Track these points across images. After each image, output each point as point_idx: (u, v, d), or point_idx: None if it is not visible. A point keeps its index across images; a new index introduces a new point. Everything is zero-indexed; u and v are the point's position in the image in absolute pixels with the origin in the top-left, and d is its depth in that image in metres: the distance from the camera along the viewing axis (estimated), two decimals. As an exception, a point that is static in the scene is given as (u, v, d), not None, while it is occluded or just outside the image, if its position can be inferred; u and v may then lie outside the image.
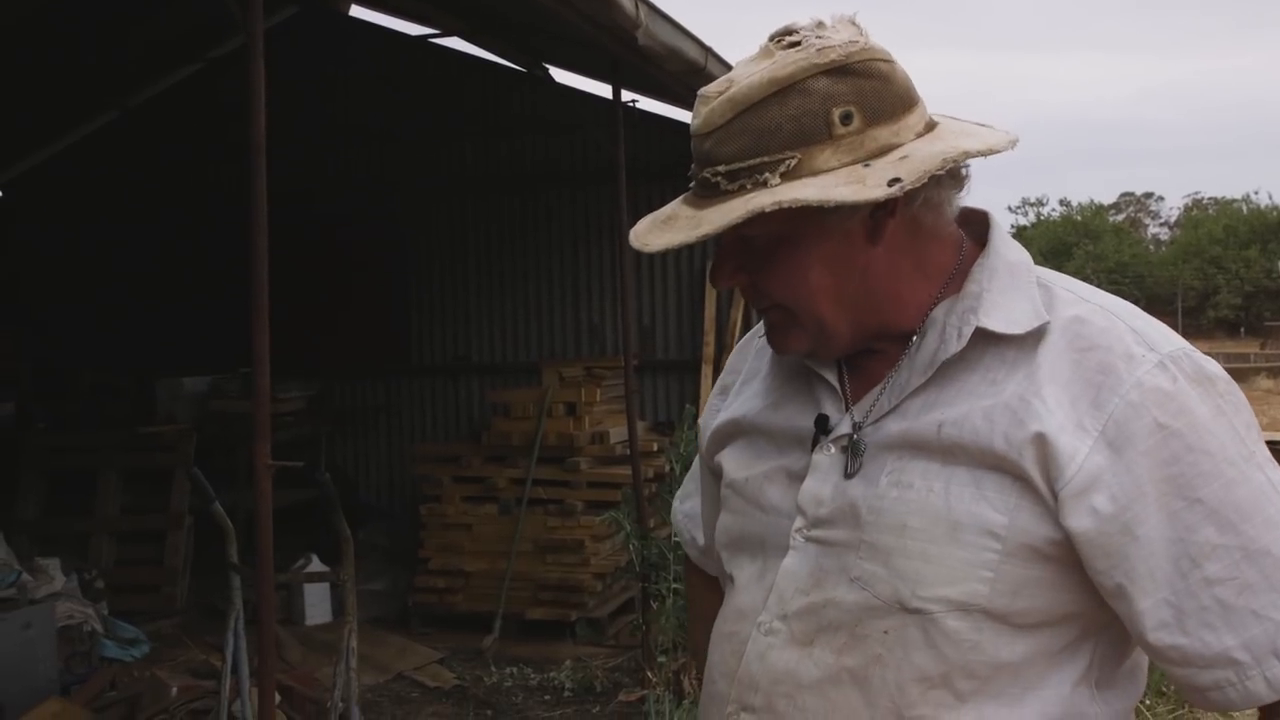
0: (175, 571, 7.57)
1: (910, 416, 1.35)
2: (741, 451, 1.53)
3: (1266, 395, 23.76)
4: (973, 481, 1.29)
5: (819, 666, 1.35)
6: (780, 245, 1.31)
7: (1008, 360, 1.32)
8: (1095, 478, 1.24)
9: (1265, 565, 1.22)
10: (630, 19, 5.06)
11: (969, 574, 1.28)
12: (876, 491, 1.34)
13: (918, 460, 1.33)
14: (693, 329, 8.81)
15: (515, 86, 9.14)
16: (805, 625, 1.37)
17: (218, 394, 8.53)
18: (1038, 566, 1.28)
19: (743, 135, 1.26)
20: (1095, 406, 1.26)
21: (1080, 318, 1.32)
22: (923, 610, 1.30)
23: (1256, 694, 1.23)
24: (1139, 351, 1.28)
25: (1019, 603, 1.28)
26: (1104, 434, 1.24)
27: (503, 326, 9.34)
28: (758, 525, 1.46)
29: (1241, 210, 53.73)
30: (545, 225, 9.18)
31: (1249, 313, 45.87)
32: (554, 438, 7.52)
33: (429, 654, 6.89)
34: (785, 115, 1.26)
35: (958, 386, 1.34)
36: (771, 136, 1.26)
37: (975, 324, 1.33)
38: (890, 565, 1.31)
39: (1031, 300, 1.34)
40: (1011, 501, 1.27)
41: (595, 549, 7.28)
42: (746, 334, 1.66)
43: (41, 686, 5.50)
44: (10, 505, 7.73)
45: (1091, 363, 1.28)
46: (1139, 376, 1.26)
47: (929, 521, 1.30)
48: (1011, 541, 1.27)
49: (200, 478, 4.56)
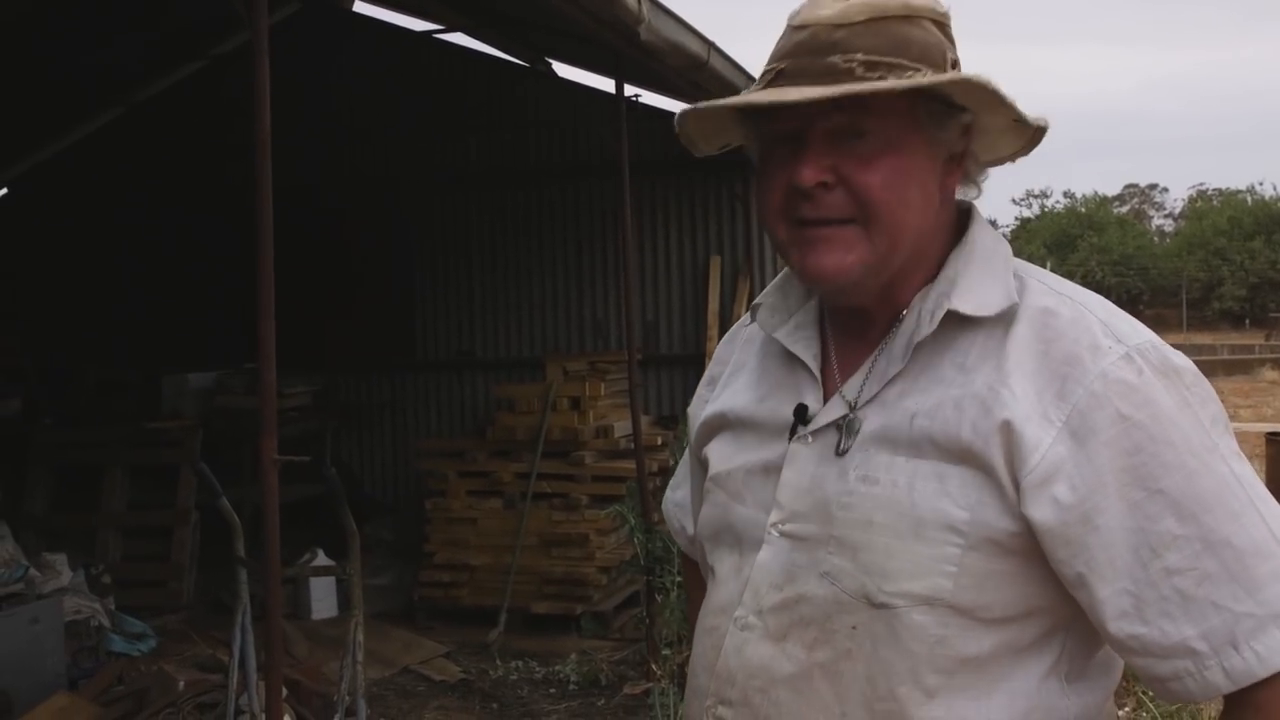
0: (182, 566, 7.60)
1: (888, 406, 1.37)
2: (727, 444, 1.54)
3: (1271, 386, 23.74)
4: (936, 476, 1.31)
5: (792, 661, 1.37)
6: (887, 152, 1.33)
7: (977, 345, 1.35)
8: (1057, 467, 1.25)
9: (1225, 556, 1.23)
10: (633, 14, 5.07)
11: (933, 568, 1.29)
12: (846, 487, 1.36)
13: (884, 454, 1.35)
14: (696, 323, 8.83)
15: (519, 82, 9.15)
16: (779, 620, 1.38)
17: (223, 389, 8.54)
18: (1001, 560, 1.29)
19: (880, 36, 1.31)
20: (1060, 397, 1.27)
21: (1049, 309, 1.34)
22: (888, 605, 1.31)
23: (1214, 684, 1.24)
24: (1106, 343, 1.29)
25: (984, 596, 1.30)
26: (1068, 424, 1.26)
27: (507, 321, 9.36)
28: (736, 518, 1.48)
29: (1246, 201, 53.59)
30: (549, 220, 9.19)
31: (1254, 304, 45.78)
32: (558, 432, 7.54)
33: (434, 648, 6.92)
34: (916, 36, 1.33)
35: (931, 373, 1.36)
36: (908, 47, 1.31)
37: (947, 306, 1.35)
38: (857, 560, 1.33)
39: (1005, 286, 1.36)
40: (974, 496, 1.29)
41: (600, 543, 7.30)
42: (734, 325, 1.68)
43: (49, 681, 5.52)
44: (17, 501, 7.77)
45: (1058, 353, 1.30)
46: (1104, 367, 1.27)
47: (893, 517, 1.32)
48: (974, 536, 1.28)
49: (206, 473, 4.58)
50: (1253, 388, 23.68)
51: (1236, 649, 1.22)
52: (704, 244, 8.88)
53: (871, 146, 1.32)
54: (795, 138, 1.35)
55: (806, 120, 1.32)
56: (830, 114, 1.31)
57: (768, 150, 1.40)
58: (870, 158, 1.32)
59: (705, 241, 8.88)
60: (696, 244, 8.90)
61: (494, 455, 7.69)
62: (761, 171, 1.41)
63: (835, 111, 1.31)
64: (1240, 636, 1.22)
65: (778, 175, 1.37)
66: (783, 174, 1.36)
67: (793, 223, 1.37)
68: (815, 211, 1.34)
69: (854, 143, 1.33)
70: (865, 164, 1.32)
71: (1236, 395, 22.03)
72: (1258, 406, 20.01)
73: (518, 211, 9.26)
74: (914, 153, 1.34)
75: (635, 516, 6.07)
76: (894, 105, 1.31)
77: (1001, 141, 1.41)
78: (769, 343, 1.53)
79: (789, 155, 1.36)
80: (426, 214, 9.44)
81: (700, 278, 8.86)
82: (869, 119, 1.31)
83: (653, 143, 8.05)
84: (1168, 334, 39.55)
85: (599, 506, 7.15)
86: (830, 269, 1.35)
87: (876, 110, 1.31)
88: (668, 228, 8.92)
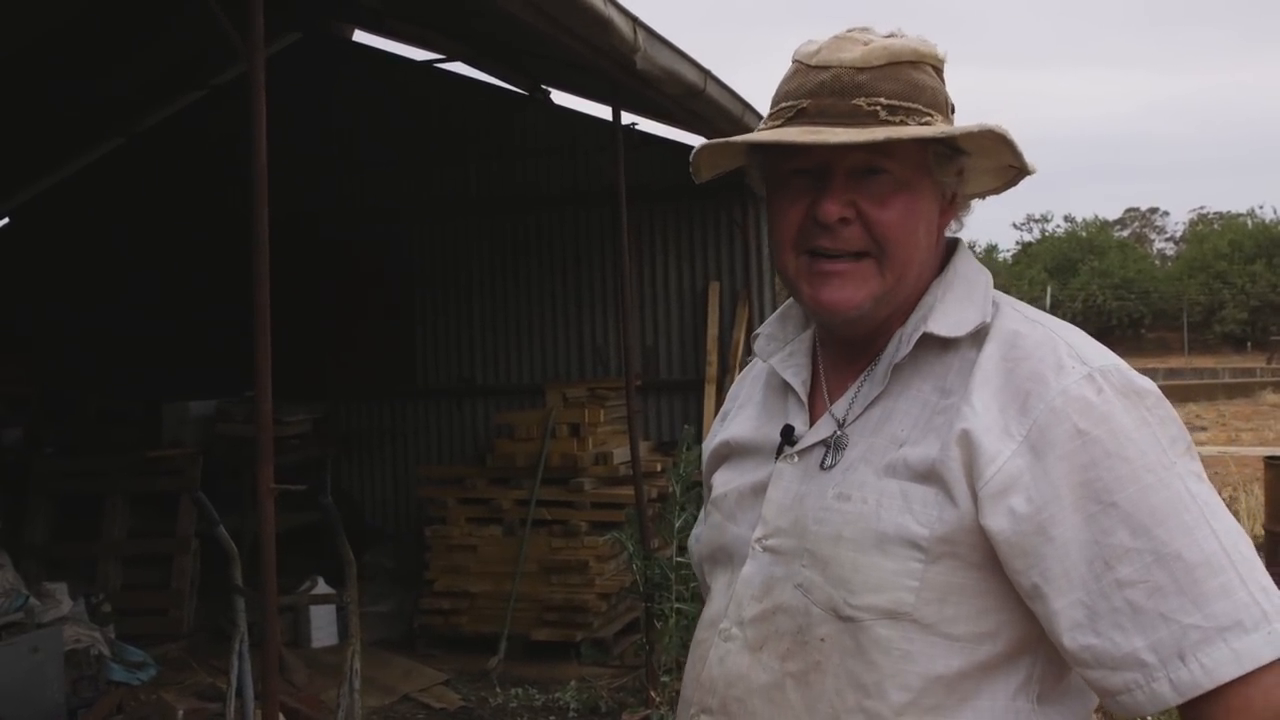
0: (181, 595, 7.60)
1: (871, 428, 1.43)
2: (727, 470, 1.61)
3: (1272, 409, 23.71)
4: (901, 494, 1.35)
5: (767, 671, 1.41)
6: (902, 191, 1.40)
7: (953, 368, 1.40)
8: (1014, 479, 1.29)
9: (1176, 570, 1.25)
10: (628, 43, 5.11)
11: (895, 583, 1.34)
12: (823, 503, 1.41)
13: (861, 474, 1.40)
14: (695, 349, 8.85)
15: (517, 110, 9.20)
16: (757, 631, 1.43)
17: (224, 418, 8.56)
18: (963, 574, 1.33)
19: (898, 81, 1.39)
20: (1022, 412, 1.32)
21: (1018, 331, 1.40)
22: (854, 618, 1.35)
23: (1162, 696, 1.25)
24: (1070, 363, 1.34)
25: (946, 610, 1.33)
26: (1027, 438, 1.30)
27: (507, 348, 9.38)
28: (729, 538, 1.54)
29: (1247, 225, 53.61)
30: (548, 247, 9.23)
31: (1255, 327, 45.73)
32: (558, 459, 7.55)
33: (434, 675, 6.91)
34: (925, 82, 1.41)
35: (910, 395, 1.42)
36: (921, 92, 1.40)
37: (923, 329, 1.41)
38: (826, 573, 1.38)
39: (981, 309, 1.42)
40: (934, 514, 1.33)
41: (600, 569, 7.30)
42: (749, 363, 1.73)
43: (49, 710, 5.52)
44: (18, 530, 7.77)
45: (1023, 371, 1.35)
46: (1065, 385, 1.31)
47: (859, 532, 1.36)
48: (934, 551, 1.32)
49: (205, 501, 4.60)
50: (1254, 411, 23.66)
51: (1183, 661, 1.24)
52: (703, 270, 8.91)
53: (887, 186, 1.40)
54: (812, 173, 1.41)
55: (828, 157, 1.39)
56: (852, 153, 1.38)
57: (782, 182, 1.46)
58: (886, 196, 1.40)
59: (704, 267, 8.91)
60: (695, 270, 8.93)
61: (494, 482, 7.70)
62: (774, 202, 1.47)
63: (857, 151, 1.37)
64: (1187, 649, 1.24)
65: (794, 207, 1.43)
66: (800, 206, 1.42)
67: (805, 254, 1.43)
68: (833, 244, 1.41)
69: (870, 181, 1.39)
70: (882, 202, 1.40)
71: (1238, 419, 22.03)
72: (1259, 430, 19.98)
73: (517, 238, 9.30)
74: (923, 193, 1.42)
75: (634, 543, 6.06)
76: (909, 148, 1.38)
77: (982, 180, 1.50)
78: (770, 373, 1.60)
79: (807, 189, 1.42)
80: (426, 241, 9.48)
81: (699, 303, 8.88)
82: (887, 160, 1.39)
83: (651, 169, 8.11)
84: (1169, 358, 39.54)
85: (598, 533, 7.15)
86: (843, 303, 1.42)
87: (894, 153, 1.38)
88: (666, 253, 8.95)
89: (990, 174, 1.48)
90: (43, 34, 7.59)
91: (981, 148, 1.41)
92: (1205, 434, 19.05)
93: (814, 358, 1.54)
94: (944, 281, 1.46)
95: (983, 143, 1.39)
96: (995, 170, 1.47)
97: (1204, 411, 22.96)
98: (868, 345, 1.48)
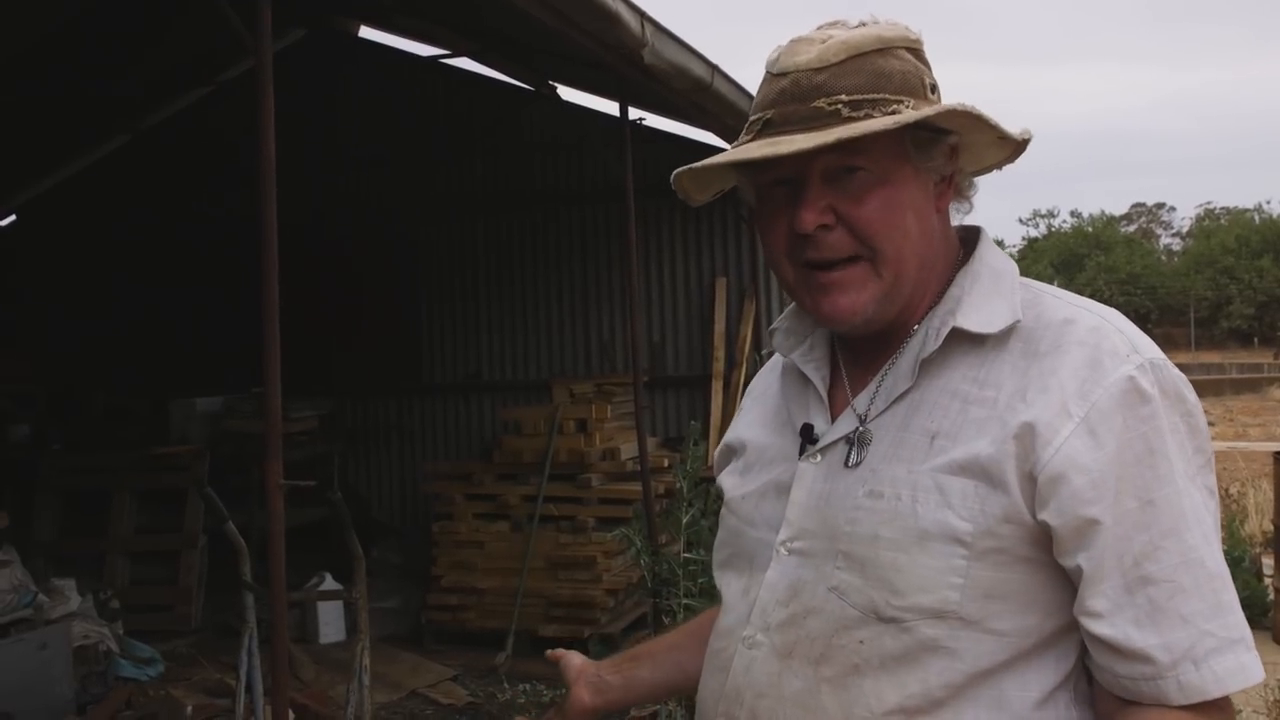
0: (189, 591, 7.61)
1: (898, 423, 1.39)
2: (740, 469, 1.58)
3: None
4: (937, 489, 1.32)
5: (799, 677, 1.38)
6: (880, 186, 1.36)
7: (988, 361, 1.37)
8: (1072, 460, 1.27)
9: (1199, 575, 1.26)
10: (636, 38, 5.10)
11: (940, 581, 1.30)
12: (854, 502, 1.37)
13: (890, 470, 1.36)
14: (702, 345, 8.84)
15: (524, 106, 9.19)
16: (785, 637, 1.40)
17: (231, 414, 8.57)
18: (1007, 569, 1.31)
19: (860, 74, 1.35)
20: (1081, 395, 1.30)
21: (1070, 319, 1.37)
22: (897, 619, 1.32)
23: (1167, 695, 1.26)
24: (1125, 350, 1.32)
25: (991, 606, 1.31)
26: (1086, 419, 1.28)
27: (514, 344, 9.38)
28: (748, 542, 1.50)
29: (1254, 220, 53.59)
30: (555, 243, 9.22)
31: (1262, 323, 45.70)
32: (565, 454, 7.55)
33: (442, 671, 6.91)
34: (894, 68, 1.37)
35: (939, 386, 1.38)
36: (888, 80, 1.36)
37: (952, 324, 1.38)
38: (865, 575, 1.34)
39: (1010, 303, 1.39)
40: (975, 506, 1.30)
41: (607, 565, 7.29)
42: (765, 365, 1.71)
43: (57, 706, 5.53)
44: (27, 526, 7.77)
45: (1080, 357, 1.32)
46: (1125, 372, 1.30)
47: (898, 531, 1.33)
48: (977, 546, 1.30)
49: (213, 497, 4.59)
50: (1261, 406, 23.63)
51: (1196, 665, 1.25)
52: (710, 265, 8.90)
53: (864, 183, 1.36)
54: (790, 182, 1.38)
55: (799, 165, 1.36)
56: (822, 156, 1.34)
57: (765, 194, 1.43)
58: (864, 194, 1.36)
59: (711, 263, 8.90)
60: (702, 266, 8.91)
61: (501, 478, 7.70)
62: (760, 216, 1.45)
63: (827, 153, 1.34)
64: (1200, 653, 1.25)
65: (779, 220, 1.41)
66: (783, 218, 1.40)
67: (800, 265, 1.41)
68: (819, 253, 1.38)
69: (847, 181, 1.36)
70: (860, 201, 1.36)
71: (1245, 414, 22.00)
72: (1267, 425, 19.96)
73: (524, 234, 9.29)
74: (905, 182, 1.38)
75: (641, 539, 6.05)
76: (882, 140, 1.34)
77: (988, 153, 1.46)
78: (788, 367, 1.56)
79: (788, 199, 1.39)
80: (433, 237, 9.48)
81: (706, 299, 8.87)
82: (860, 156, 1.35)
83: (658, 165, 8.01)
84: (1176, 353, 39.53)
85: (606, 529, 7.14)
86: (844, 311, 1.39)
87: (866, 148, 1.34)
88: (673, 249, 8.94)
89: (994, 146, 1.45)
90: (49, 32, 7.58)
91: (966, 124, 1.38)
92: (1213, 429, 18.95)
93: (833, 350, 1.52)
94: (970, 272, 1.43)
95: (964, 120, 1.37)
96: (997, 142, 1.43)
97: (1211, 407, 22.92)
98: (888, 339, 1.44)
